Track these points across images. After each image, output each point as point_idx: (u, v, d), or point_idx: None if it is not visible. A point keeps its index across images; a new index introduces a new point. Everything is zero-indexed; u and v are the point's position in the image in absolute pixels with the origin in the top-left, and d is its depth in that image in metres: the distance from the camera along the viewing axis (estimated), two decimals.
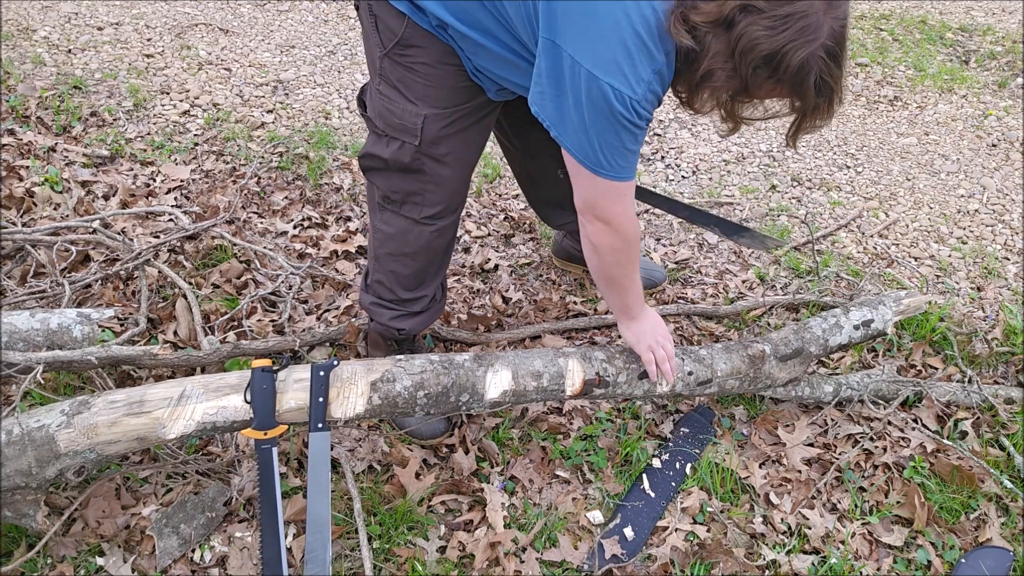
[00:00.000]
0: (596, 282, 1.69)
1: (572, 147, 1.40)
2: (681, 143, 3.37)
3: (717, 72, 1.24)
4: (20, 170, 2.69)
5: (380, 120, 1.63)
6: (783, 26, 1.18)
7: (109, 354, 1.78)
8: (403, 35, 1.50)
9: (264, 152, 3.00)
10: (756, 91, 1.28)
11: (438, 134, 1.60)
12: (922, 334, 2.32)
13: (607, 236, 1.53)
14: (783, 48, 1.19)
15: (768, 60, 1.21)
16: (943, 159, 3.32)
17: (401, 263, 1.81)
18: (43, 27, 3.72)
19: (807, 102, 1.28)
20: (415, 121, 1.58)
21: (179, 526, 1.65)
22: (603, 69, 1.27)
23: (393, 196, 1.72)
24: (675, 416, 2.06)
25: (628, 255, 1.58)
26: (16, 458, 1.43)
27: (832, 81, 1.26)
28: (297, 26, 4.10)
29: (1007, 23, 4.65)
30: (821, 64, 1.22)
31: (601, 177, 1.42)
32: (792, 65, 1.20)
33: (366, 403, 1.57)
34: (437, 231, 1.76)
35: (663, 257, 2.66)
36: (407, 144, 1.61)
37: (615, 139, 1.36)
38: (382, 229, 1.78)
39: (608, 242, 1.54)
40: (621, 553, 1.71)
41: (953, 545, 1.76)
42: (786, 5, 1.18)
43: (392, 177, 1.69)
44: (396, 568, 1.65)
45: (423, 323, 1.93)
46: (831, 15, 1.20)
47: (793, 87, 1.26)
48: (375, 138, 1.67)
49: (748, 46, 1.19)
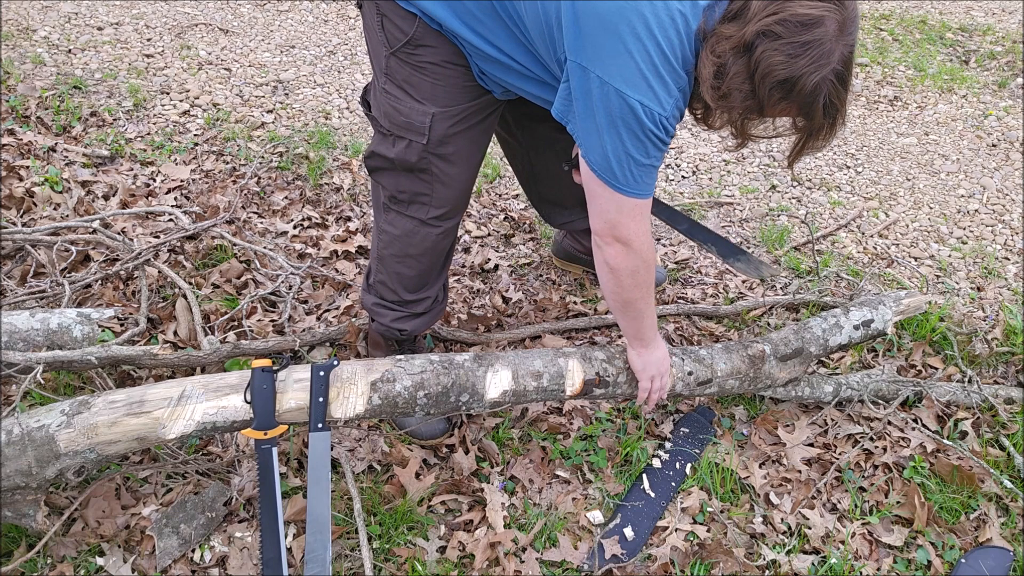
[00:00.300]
0: (611, 308, 1.67)
1: (597, 164, 1.40)
2: (681, 143, 3.37)
3: (735, 93, 1.27)
4: (20, 170, 2.69)
5: (386, 119, 1.62)
6: (801, 53, 1.22)
7: (109, 354, 1.78)
8: (414, 35, 1.50)
9: (264, 152, 3.00)
10: (769, 111, 1.32)
11: (445, 133, 1.60)
12: (922, 334, 2.32)
13: (627, 258, 1.51)
14: (799, 74, 1.23)
15: (783, 83, 1.24)
16: (943, 159, 3.32)
17: (406, 264, 1.81)
18: (43, 27, 3.72)
19: (814, 122, 1.32)
20: (422, 120, 1.57)
21: (179, 526, 1.65)
22: (632, 87, 1.30)
23: (400, 196, 1.71)
24: (675, 416, 2.06)
25: (647, 277, 1.57)
26: (16, 458, 1.43)
27: (839, 103, 1.30)
28: (297, 26, 4.10)
29: (1007, 23, 4.65)
30: (831, 87, 1.26)
31: (622, 194, 1.42)
32: (807, 89, 1.24)
33: (366, 403, 1.57)
34: (443, 232, 1.77)
35: (663, 257, 2.66)
36: (414, 143, 1.61)
37: (643, 155, 1.38)
38: (387, 230, 1.78)
39: (627, 264, 1.52)
40: (621, 553, 1.71)
41: (953, 545, 1.76)
42: (804, 32, 1.21)
43: (399, 177, 1.68)
44: (396, 568, 1.65)
45: (425, 324, 1.93)
46: (842, 41, 1.24)
47: (802, 107, 1.29)
48: (380, 137, 1.66)
49: (767, 70, 1.23)
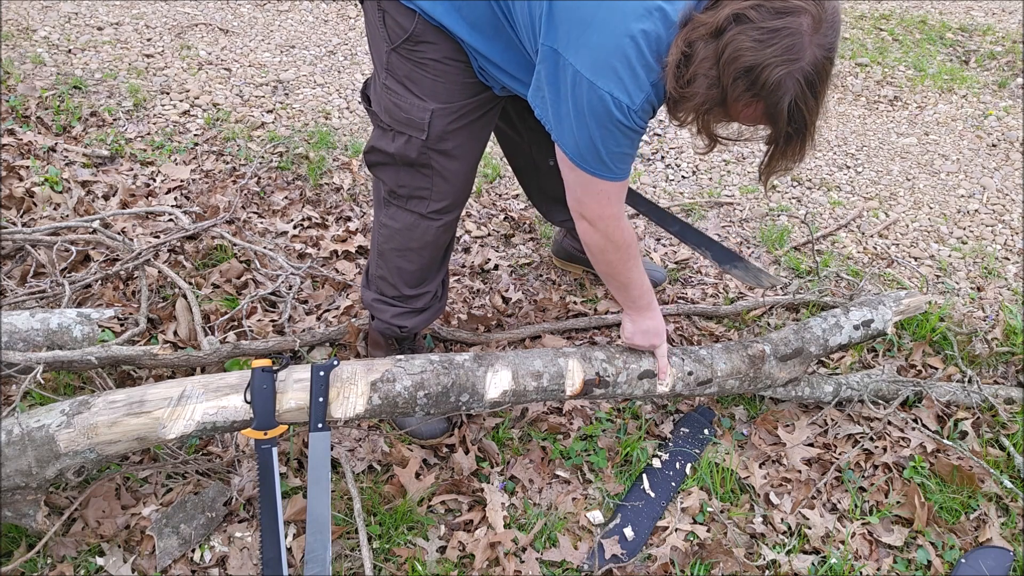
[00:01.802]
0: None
1: (568, 148, 1.43)
2: (681, 143, 3.37)
3: (700, 79, 1.25)
4: (20, 170, 2.69)
5: (386, 115, 1.63)
6: (770, 40, 1.19)
7: (109, 354, 1.78)
8: (413, 31, 1.51)
9: (264, 152, 3.00)
10: (734, 104, 1.28)
11: (445, 128, 1.60)
12: (922, 334, 2.32)
13: (592, 236, 1.55)
14: (765, 62, 1.19)
15: (748, 72, 1.21)
16: (943, 159, 3.32)
17: (406, 259, 1.81)
18: (43, 27, 3.72)
19: (779, 128, 1.28)
20: (422, 116, 1.58)
21: (179, 526, 1.65)
22: (603, 78, 1.30)
23: (400, 191, 1.72)
24: (675, 416, 2.06)
25: (616, 256, 1.59)
26: (16, 458, 1.43)
27: (807, 112, 1.25)
28: (297, 26, 4.10)
29: (1007, 23, 4.65)
30: (797, 89, 1.22)
31: (589, 175, 1.44)
32: (770, 82, 1.21)
33: (366, 403, 1.57)
34: (443, 226, 1.77)
35: (663, 257, 2.66)
36: (414, 138, 1.61)
37: (612, 143, 1.39)
38: (388, 224, 1.78)
39: (594, 242, 1.56)
40: (621, 553, 1.71)
41: (953, 545, 1.76)
42: (776, 19, 1.18)
43: (399, 172, 1.69)
44: (396, 568, 1.65)
45: (425, 321, 1.93)
46: (816, 41, 1.20)
47: (767, 107, 1.25)
48: (380, 132, 1.67)
49: (732, 55, 1.20)
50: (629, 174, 1.49)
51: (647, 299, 1.70)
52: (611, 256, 1.59)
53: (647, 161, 3.24)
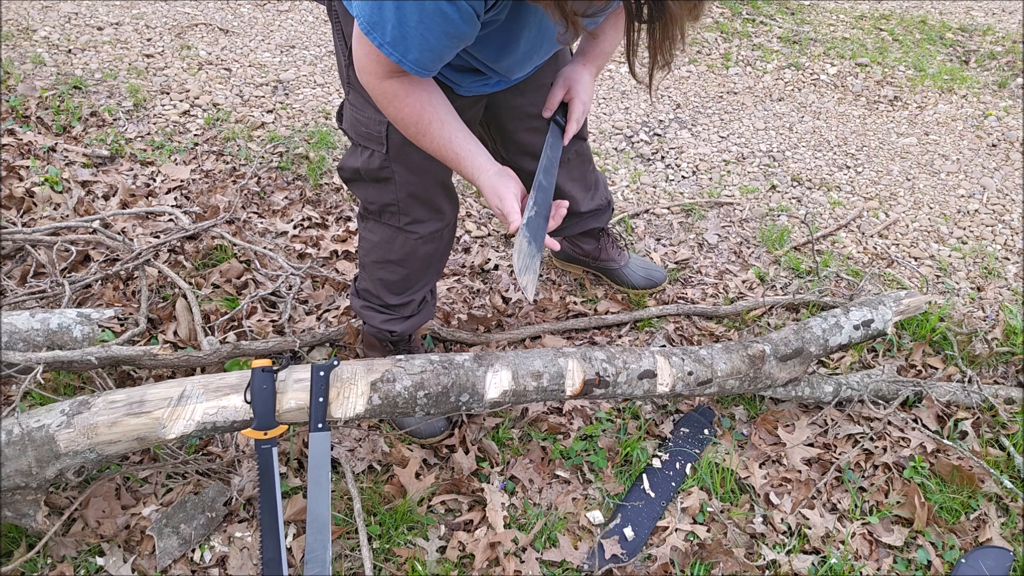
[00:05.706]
0: None
1: (359, 11, 1.22)
2: (681, 143, 3.37)
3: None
4: (20, 170, 2.69)
5: (352, 130, 1.61)
6: None
7: (109, 354, 1.78)
8: None
9: (264, 152, 3.00)
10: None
11: (403, 140, 1.50)
12: (922, 334, 2.32)
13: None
14: None
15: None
16: (943, 159, 3.32)
17: (387, 270, 1.80)
18: (43, 27, 3.72)
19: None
20: (379, 129, 1.54)
21: (179, 526, 1.65)
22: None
23: (371, 206, 1.71)
24: (675, 416, 2.06)
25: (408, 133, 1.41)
26: (16, 458, 1.43)
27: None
28: (297, 26, 4.10)
29: (1007, 23, 4.65)
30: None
31: (371, 42, 1.22)
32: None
33: (366, 403, 1.57)
34: (422, 238, 1.74)
35: (663, 257, 2.66)
36: (376, 152, 1.58)
37: (413, 15, 1.16)
38: (367, 238, 1.78)
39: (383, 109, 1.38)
40: (621, 553, 1.71)
41: (953, 545, 1.77)
42: None
43: (367, 187, 1.67)
44: (396, 568, 1.65)
45: (414, 325, 1.93)
46: None
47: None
48: (351, 148, 1.65)
49: None
50: (422, 68, 1.26)
51: (476, 171, 1.41)
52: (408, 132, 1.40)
53: (647, 161, 3.24)
